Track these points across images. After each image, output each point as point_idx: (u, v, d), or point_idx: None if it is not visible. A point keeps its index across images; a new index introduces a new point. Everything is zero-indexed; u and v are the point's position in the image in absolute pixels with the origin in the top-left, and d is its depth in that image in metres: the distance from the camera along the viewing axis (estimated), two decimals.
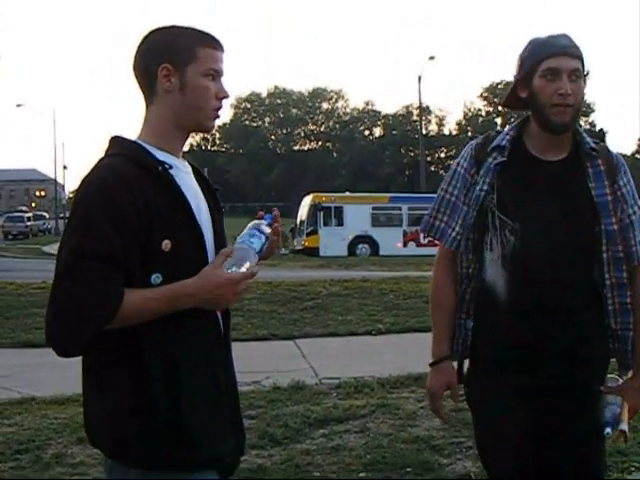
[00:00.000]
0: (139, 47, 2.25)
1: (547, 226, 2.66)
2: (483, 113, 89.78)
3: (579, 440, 2.68)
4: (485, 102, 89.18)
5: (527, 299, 2.64)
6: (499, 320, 2.69)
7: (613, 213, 2.69)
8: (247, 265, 2.16)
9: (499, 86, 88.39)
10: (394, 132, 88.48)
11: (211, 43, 2.25)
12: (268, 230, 2.29)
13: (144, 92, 2.25)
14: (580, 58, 2.66)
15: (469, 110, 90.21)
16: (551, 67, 2.61)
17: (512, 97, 2.80)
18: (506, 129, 2.84)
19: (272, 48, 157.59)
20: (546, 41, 2.68)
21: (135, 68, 2.25)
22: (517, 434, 2.67)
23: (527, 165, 2.73)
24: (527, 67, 2.68)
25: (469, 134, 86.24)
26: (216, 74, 2.24)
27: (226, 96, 2.28)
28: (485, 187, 2.71)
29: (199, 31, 2.25)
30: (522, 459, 2.67)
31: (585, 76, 2.67)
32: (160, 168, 2.13)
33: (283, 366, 8.21)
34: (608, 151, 2.77)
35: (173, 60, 2.19)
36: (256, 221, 2.31)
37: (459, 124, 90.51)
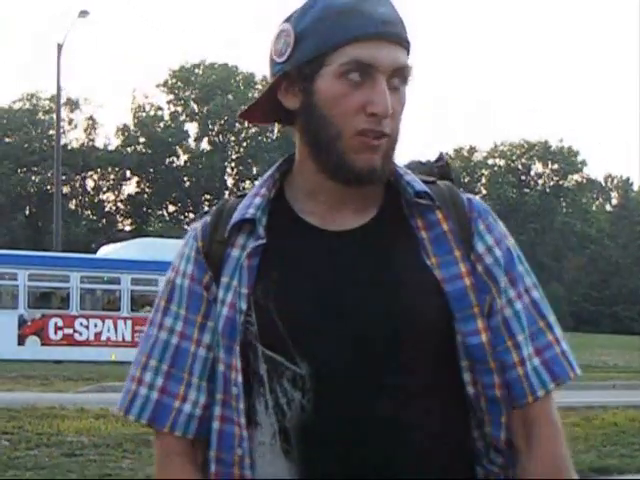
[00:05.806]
0: None
1: (357, 363, 1.35)
2: None
3: None
4: None
5: None
6: None
7: (478, 310, 1.38)
8: None
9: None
10: None
11: None
12: None
13: None
14: (408, 45, 1.39)
15: None
16: (360, 60, 1.33)
17: (265, 102, 1.46)
18: (255, 186, 1.48)
19: None
20: (353, 5, 1.34)
21: None
22: None
23: (301, 246, 1.42)
24: (309, 54, 1.36)
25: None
26: None
27: None
28: (240, 305, 1.39)
29: None
30: None
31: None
32: None
33: None
34: (456, 194, 1.47)
35: None
36: None
37: None
